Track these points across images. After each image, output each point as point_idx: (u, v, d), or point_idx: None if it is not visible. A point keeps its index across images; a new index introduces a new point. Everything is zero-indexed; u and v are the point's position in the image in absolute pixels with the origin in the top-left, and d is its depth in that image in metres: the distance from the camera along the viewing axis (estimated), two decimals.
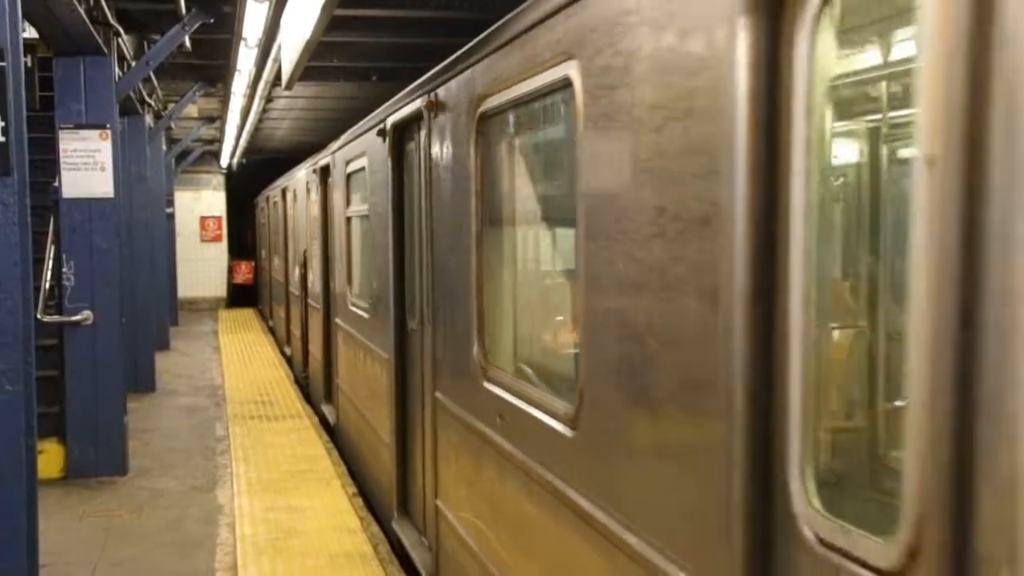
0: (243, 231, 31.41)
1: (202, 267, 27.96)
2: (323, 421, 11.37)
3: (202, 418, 12.08)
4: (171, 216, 21.74)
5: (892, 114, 2.47)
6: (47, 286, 9.03)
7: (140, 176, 14.29)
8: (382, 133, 7.02)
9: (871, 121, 2.49)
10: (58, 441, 9.01)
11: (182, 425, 11.70)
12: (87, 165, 8.91)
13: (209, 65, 13.97)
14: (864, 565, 1.98)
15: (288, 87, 9.12)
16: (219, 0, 10.19)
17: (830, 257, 2.27)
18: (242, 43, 10.07)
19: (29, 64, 9.70)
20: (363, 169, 8.15)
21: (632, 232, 2.98)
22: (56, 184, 9.00)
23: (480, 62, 4.68)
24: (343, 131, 10.21)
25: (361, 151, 8.19)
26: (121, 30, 9.88)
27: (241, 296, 28.67)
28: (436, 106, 5.50)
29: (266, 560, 6.89)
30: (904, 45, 2.15)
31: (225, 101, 15.98)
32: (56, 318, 8.94)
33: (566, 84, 3.51)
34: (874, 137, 2.49)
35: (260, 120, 18.51)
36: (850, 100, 2.41)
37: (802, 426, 2.21)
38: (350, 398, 9.36)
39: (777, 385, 2.30)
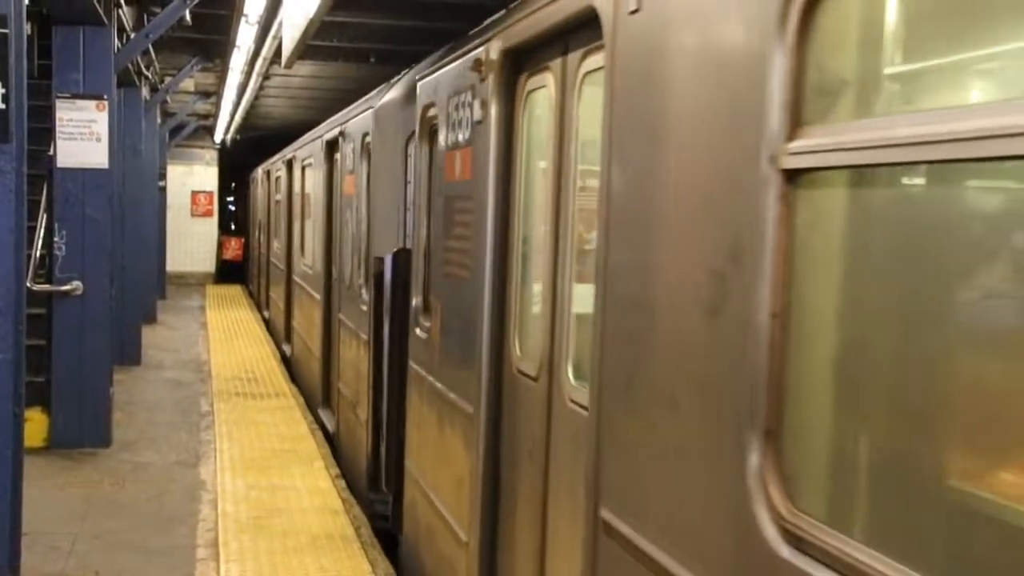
0: (235, 207, 31.35)
1: (192, 242, 27.87)
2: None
3: (187, 393, 12.06)
4: (163, 190, 21.66)
5: None
6: (38, 255, 8.99)
7: (134, 148, 14.23)
8: (284, 163, 16.30)
9: None
10: (42, 410, 8.97)
11: (167, 399, 11.69)
12: (83, 135, 8.86)
13: (208, 40, 13.88)
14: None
15: (288, 65, 9.09)
16: None
17: None
18: (243, 19, 10.03)
19: (29, 32, 9.63)
20: (280, 179, 17.29)
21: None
22: (51, 153, 8.95)
23: (302, 147, 13.69)
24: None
25: (279, 171, 17.41)
26: (122, 1, 9.82)
27: (229, 272, 28.61)
28: (295, 159, 14.58)
29: (247, 538, 6.90)
30: None
31: (222, 77, 15.92)
32: (46, 287, 8.91)
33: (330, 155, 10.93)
34: None
35: (256, 97, 18.41)
36: None
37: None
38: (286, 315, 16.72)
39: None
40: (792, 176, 2.23)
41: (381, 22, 11.71)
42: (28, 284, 8.20)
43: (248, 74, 14.15)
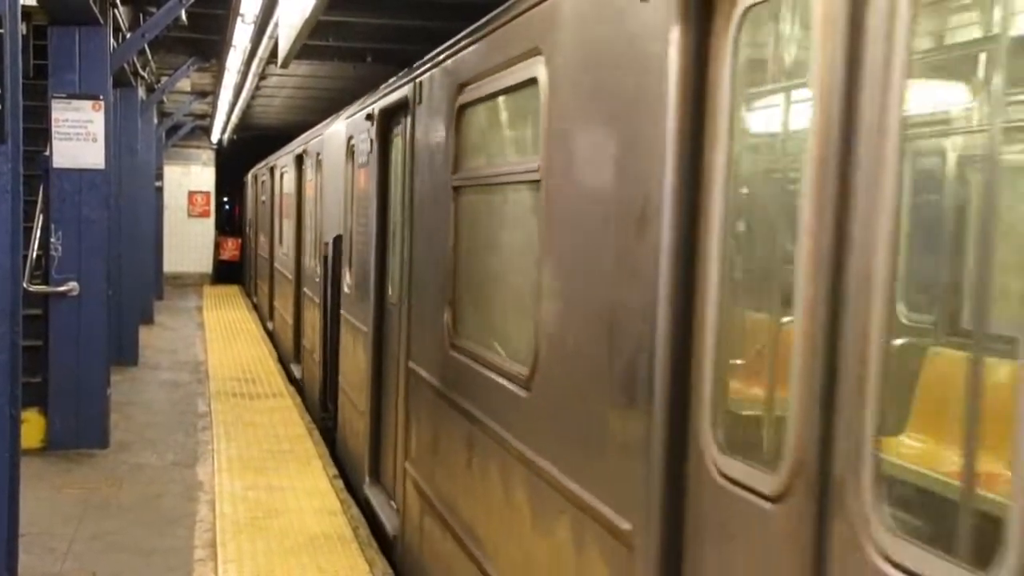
0: (231, 207, 31.32)
1: (188, 242, 27.84)
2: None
3: (184, 394, 12.05)
4: (160, 190, 21.64)
5: None
6: (34, 255, 8.97)
7: (131, 149, 14.21)
8: (267, 169, 18.88)
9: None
10: (39, 411, 8.96)
11: (164, 400, 11.68)
12: (79, 136, 8.85)
13: (204, 40, 13.90)
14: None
15: (284, 65, 9.09)
16: None
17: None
18: (239, 19, 10.04)
19: (25, 32, 9.61)
20: (265, 182, 20.00)
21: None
22: (47, 153, 8.94)
23: (281, 157, 16.34)
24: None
25: (264, 175, 20.19)
26: (118, 1, 9.81)
27: (226, 273, 28.60)
28: (275, 167, 16.78)
29: (245, 539, 6.89)
30: None
31: (218, 77, 15.92)
32: (42, 288, 8.89)
33: (299, 166, 13.75)
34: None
35: (253, 97, 18.42)
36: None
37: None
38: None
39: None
40: (455, 190, 5.13)
41: (377, 21, 11.72)
42: (25, 285, 8.20)
43: (244, 74, 14.15)
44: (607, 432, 3.18)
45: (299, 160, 13.46)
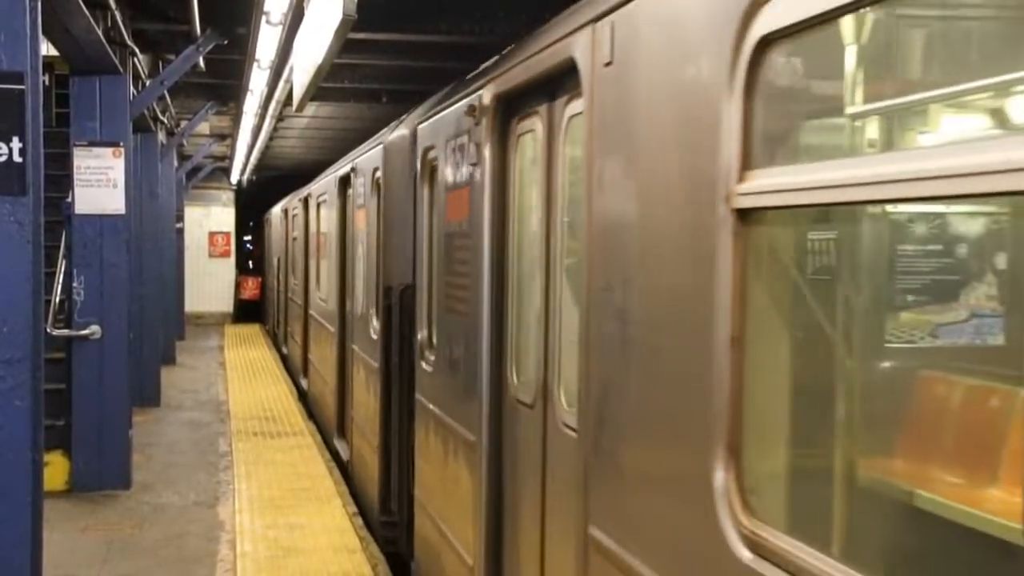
0: (251, 247, 31.60)
1: (210, 282, 28.08)
2: None
3: (206, 433, 12.15)
4: (180, 231, 21.88)
5: None
6: (57, 300, 9.13)
7: (151, 192, 14.42)
8: (271, 215, 25.10)
9: None
10: (63, 454, 9.08)
11: (186, 440, 11.78)
12: (100, 182, 9.02)
13: (222, 84, 14.12)
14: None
15: (299, 109, 9.22)
16: (233, 22, 10.32)
17: None
18: (255, 64, 10.21)
19: (47, 82, 9.84)
20: (274, 224, 24.36)
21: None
22: (69, 199, 9.12)
23: (269, 211, 25.52)
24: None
25: (270, 218, 25.51)
26: (137, 50, 10.03)
27: (247, 312, 28.81)
28: (271, 215, 24.77)
29: None
30: None
31: (236, 119, 16.14)
32: (65, 332, 9.04)
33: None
34: None
35: (270, 138, 18.66)
36: None
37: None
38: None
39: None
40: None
41: (390, 63, 11.90)
42: (48, 329, 8.35)
43: (262, 117, 14.36)
44: None
45: (270, 216, 16.42)
